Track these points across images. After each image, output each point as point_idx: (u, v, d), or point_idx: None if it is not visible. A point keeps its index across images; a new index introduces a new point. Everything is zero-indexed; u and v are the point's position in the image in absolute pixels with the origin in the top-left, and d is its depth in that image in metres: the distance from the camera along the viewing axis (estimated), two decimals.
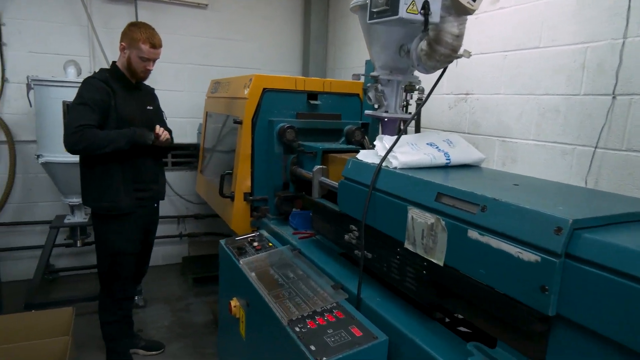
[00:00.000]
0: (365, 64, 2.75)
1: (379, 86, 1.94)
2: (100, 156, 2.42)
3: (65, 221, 3.57)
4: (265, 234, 2.45)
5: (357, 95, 2.88)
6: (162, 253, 4.46)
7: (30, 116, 3.65)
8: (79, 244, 3.64)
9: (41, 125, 3.28)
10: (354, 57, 4.31)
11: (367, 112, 2.06)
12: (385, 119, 1.99)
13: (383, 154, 1.62)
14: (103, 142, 2.35)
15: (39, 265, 3.51)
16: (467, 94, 2.85)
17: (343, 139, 2.74)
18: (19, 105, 3.74)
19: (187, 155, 4.47)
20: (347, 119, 2.84)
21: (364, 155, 1.77)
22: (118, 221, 2.57)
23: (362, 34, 1.99)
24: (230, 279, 2.22)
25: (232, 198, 2.65)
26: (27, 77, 3.28)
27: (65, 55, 3.76)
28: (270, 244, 2.26)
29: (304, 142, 2.55)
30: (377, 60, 1.93)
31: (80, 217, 3.61)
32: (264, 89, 2.60)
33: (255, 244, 2.28)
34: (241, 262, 2.04)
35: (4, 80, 3.68)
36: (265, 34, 4.65)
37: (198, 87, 4.35)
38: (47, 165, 3.30)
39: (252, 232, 2.49)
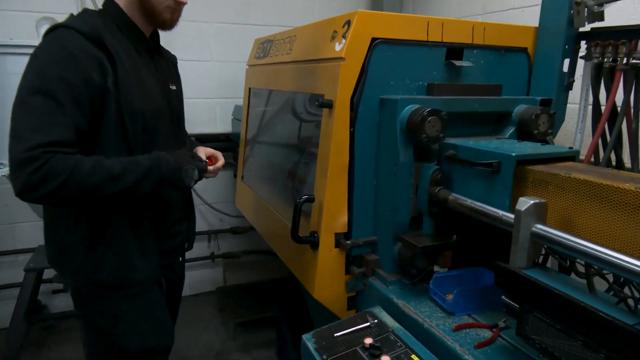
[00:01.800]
0: None
1: None
2: None
3: None
4: (385, 318, 1.26)
5: (525, 50, 1.62)
6: (189, 280, 3.34)
7: None
8: None
9: None
10: None
11: None
12: None
13: None
14: (93, 184, 1.14)
15: (16, 313, 2.45)
16: None
17: (512, 129, 1.49)
18: None
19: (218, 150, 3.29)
20: (508, 92, 1.59)
21: None
22: (131, 301, 1.37)
23: None
24: None
25: (313, 244, 1.46)
26: None
27: (39, 12, 2.58)
28: (414, 357, 1.08)
29: (450, 140, 1.33)
30: None
31: None
32: (374, 39, 1.37)
33: (373, 342, 1.11)
34: None
35: None
36: None
37: (231, 54, 3.13)
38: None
39: (353, 306, 1.30)
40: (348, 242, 1.45)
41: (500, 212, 1.08)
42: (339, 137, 1.38)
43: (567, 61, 1.56)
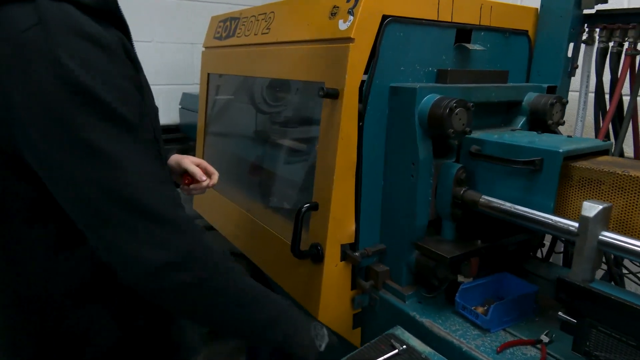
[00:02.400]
0: None
1: None
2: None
3: None
4: (413, 342, 1.09)
5: (526, 33, 1.50)
6: None
7: None
8: None
9: None
10: None
11: None
12: None
13: None
14: (227, 297, 0.77)
15: None
16: None
17: (523, 120, 1.38)
18: None
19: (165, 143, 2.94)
20: (510, 79, 1.47)
21: None
22: None
23: None
24: None
25: (316, 258, 1.25)
26: None
27: None
28: None
29: (473, 135, 1.18)
30: None
31: None
32: (385, 17, 1.17)
33: None
34: None
35: None
36: None
37: (177, 34, 2.77)
38: None
39: (358, 324, 1.12)
40: (356, 253, 1.25)
41: (557, 219, 0.94)
42: (346, 132, 1.17)
43: (570, 46, 1.47)
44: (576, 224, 0.89)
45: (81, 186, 0.65)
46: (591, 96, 1.52)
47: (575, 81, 1.53)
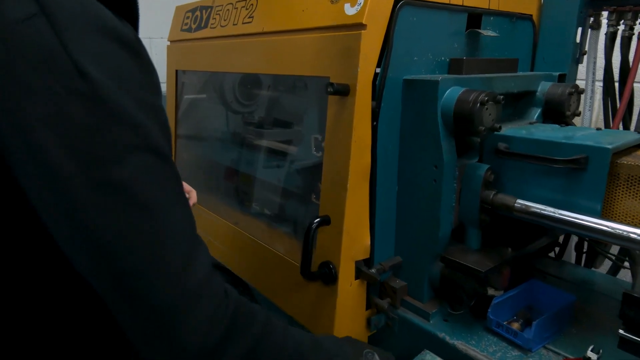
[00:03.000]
0: None
1: None
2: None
3: None
4: None
5: (530, 18, 1.40)
6: None
7: None
8: None
9: None
10: None
11: None
12: None
13: None
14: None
15: None
16: None
17: (538, 111, 1.27)
18: None
19: None
20: (518, 66, 1.36)
21: None
22: None
23: None
24: None
25: (329, 278, 1.09)
26: None
27: None
28: None
29: (502, 132, 1.06)
30: None
31: None
32: (398, 1, 1.01)
33: None
34: None
35: None
36: None
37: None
38: None
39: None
40: (372, 270, 1.11)
41: (625, 228, 0.83)
42: (360, 134, 1.02)
43: (578, 30, 1.38)
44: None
45: (103, 244, 0.46)
46: (597, 84, 1.45)
47: (580, 68, 1.45)
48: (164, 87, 2.01)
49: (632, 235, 0.81)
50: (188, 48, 1.72)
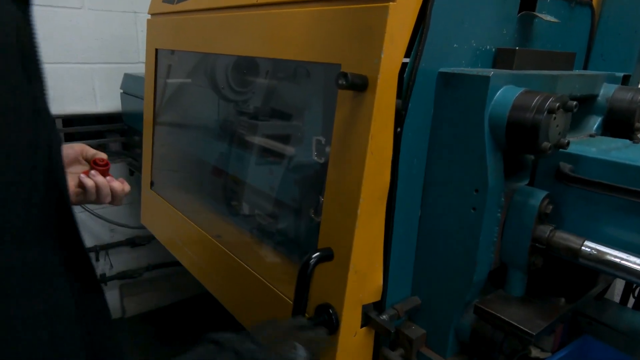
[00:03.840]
0: None
1: None
2: None
3: None
4: None
5: (590, 3, 1.14)
6: None
7: None
8: None
9: None
10: None
11: None
12: None
13: None
14: None
15: None
16: None
17: (598, 120, 1.02)
18: None
19: (98, 136, 2.41)
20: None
21: None
22: None
23: None
24: None
25: (326, 324, 0.84)
26: None
27: None
28: None
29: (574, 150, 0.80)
30: None
31: None
32: None
33: None
34: None
35: None
36: None
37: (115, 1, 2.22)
38: None
39: None
40: (384, 316, 0.86)
41: None
42: (379, 143, 0.76)
43: None
44: None
45: None
46: None
47: None
48: (142, 67, 1.75)
49: None
50: (170, 23, 1.45)
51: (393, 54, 0.74)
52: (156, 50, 1.53)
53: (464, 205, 0.80)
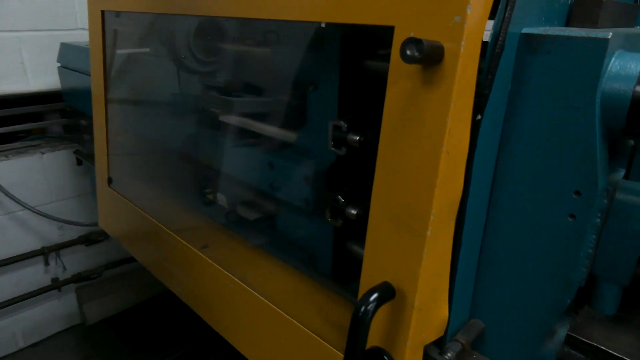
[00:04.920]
0: None
1: None
2: None
3: None
4: None
5: None
6: (23, 326, 2.14)
7: None
8: None
9: None
10: None
11: None
12: None
13: None
14: None
15: None
16: None
17: None
18: None
19: (36, 118, 2.03)
20: None
21: None
22: None
23: None
24: None
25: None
26: None
27: None
28: None
29: None
30: None
31: None
32: None
33: None
34: None
35: None
36: None
37: None
38: None
39: None
40: (448, 356, 0.67)
41: None
42: (456, 138, 0.55)
43: None
44: None
45: None
46: None
47: None
48: (81, 35, 1.42)
49: None
50: None
51: (478, 10, 0.51)
52: (102, 12, 1.21)
53: (556, 213, 0.61)
